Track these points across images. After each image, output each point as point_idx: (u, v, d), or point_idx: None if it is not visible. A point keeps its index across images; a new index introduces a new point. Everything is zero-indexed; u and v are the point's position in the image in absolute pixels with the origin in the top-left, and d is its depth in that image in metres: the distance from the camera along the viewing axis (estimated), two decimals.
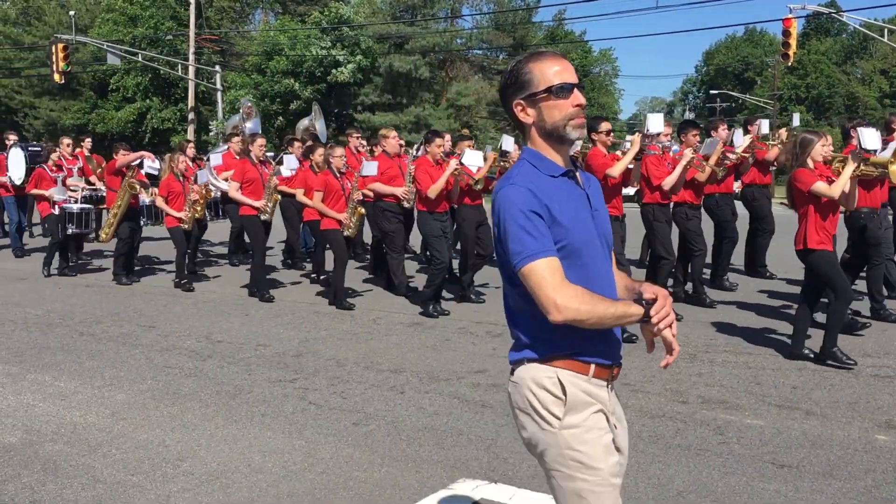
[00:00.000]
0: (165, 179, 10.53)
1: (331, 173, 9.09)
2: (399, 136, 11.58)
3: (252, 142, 10.12)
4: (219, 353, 7.04)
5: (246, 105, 15.46)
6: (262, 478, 4.28)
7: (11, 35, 46.08)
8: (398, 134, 12.40)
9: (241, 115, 15.43)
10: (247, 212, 9.77)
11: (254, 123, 14.82)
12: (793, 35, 25.83)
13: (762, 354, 6.78)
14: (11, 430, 5.09)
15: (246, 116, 15.08)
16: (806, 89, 59.44)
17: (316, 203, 9.06)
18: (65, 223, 11.31)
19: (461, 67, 49.99)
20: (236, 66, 43.98)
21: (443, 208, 8.75)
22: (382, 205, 9.67)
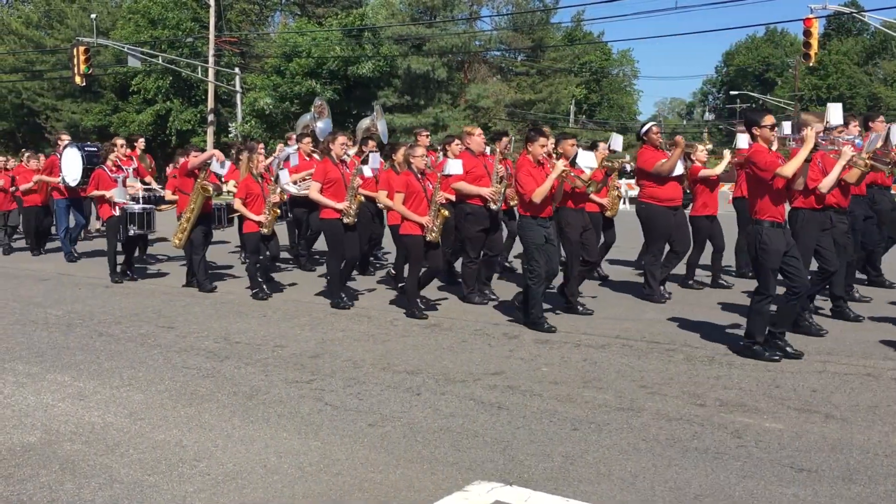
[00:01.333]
0: (243, 181, 9.78)
1: (412, 174, 8.57)
2: None
3: (333, 140, 9.33)
4: (236, 353, 7.07)
5: (317, 103, 14.74)
6: (277, 479, 4.29)
7: (34, 38, 46.61)
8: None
9: (312, 113, 14.70)
10: (328, 215, 9.08)
11: (325, 123, 14.11)
12: (814, 35, 25.65)
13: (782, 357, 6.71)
14: (31, 429, 5.13)
15: (318, 115, 14.33)
16: (827, 90, 59.00)
17: (397, 205, 8.53)
18: (126, 224, 10.91)
19: (479, 69, 49.96)
20: (255, 69, 44.19)
21: (547, 213, 7.99)
22: (466, 207, 9.19)
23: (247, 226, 9.69)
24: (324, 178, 9.07)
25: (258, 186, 9.74)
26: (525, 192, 7.84)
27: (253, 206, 9.66)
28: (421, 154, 8.69)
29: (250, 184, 9.69)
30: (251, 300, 9.66)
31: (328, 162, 9.20)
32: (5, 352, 7.19)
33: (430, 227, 8.47)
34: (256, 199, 9.70)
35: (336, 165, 9.16)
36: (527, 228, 7.95)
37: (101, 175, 11.36)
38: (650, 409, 5.41)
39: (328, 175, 9.07)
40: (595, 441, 4.82)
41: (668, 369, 6.41)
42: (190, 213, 10.10)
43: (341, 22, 41.33)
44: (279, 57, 41.15)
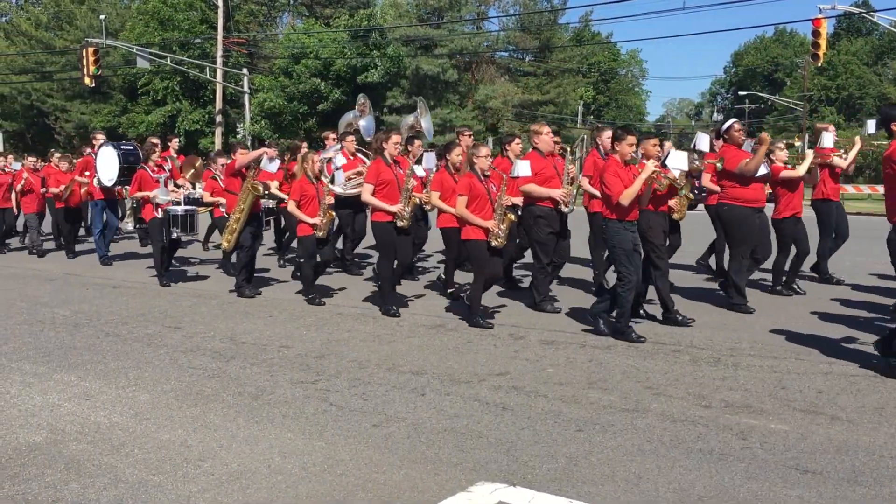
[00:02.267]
0: (298, 182, 9.38)
1: (475, 175, 8.08)
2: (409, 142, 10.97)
3: (386, 139, 8.78)
4: (242, 354, 7.08)
5: (361, 101, 14.27)
6: (281, 478, 4.30)
7: (44, 39, 46.82)
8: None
9: (355, 111, 14.22)
10: (381, 218, 8.62)
11: (367, 120, 13.77)
12: (823, 35, 25.60)
13: (787, 358, 6.70)
14: (37, 429, 5.15)
15: (360, 112, 13.92)
16: (836, 90, 58.82)
17: (460, 209, 8.04)
18: (169, 226, 10.58)
19: (487, 70, 49.98)
20: (263, 69, 44.29)
21: (634, 216, 7.51)
22: (536, 210, 8.70)
23: (301, 229, 9.33)
24: (377, 179, 8.63)
25: (313, 188, 9.30)
26: (612, 195, 7.36)
27: (308, 208, 9.25)
28: (485, 154, 8.19)
29: (305, 185, 9.28)
30: (257, 301, 9.67)
31: (381, 162, 8.75)
32: (12, 351, 7.22)
33: (496, 231, 8.01)
34: (311, 201, 9.27)
35: (389, 166, 8.71)
36: (613, 233, 7.45)
37: (143, 175, 10.99)
38: (655, 411, 5.40)
39: (381, 176, 8.64)
40: (599, 442, 4.81)
41: (674, 370, 6.40)
42: (240, 213, 9.75)
43: (348, 23, 41.39)
44: (287, 58, 41.24)
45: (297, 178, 9.48)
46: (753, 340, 7.33)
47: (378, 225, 8.68)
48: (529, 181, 8.57)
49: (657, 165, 7.55)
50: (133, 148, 12.32)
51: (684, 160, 8.00)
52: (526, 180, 8.54)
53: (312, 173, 9.38)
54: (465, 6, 47.23)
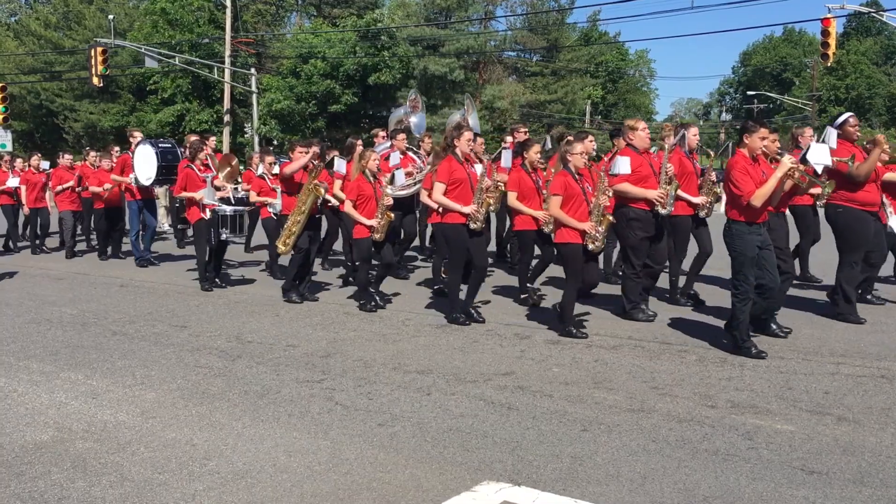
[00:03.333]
0: (355, 181, 8.90)
1: (569, 174, 7.53)
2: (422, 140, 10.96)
3: (458, 135, 8.17)
4: (248, 353, 7.10)
5: (412, 97, 13.77)
6: (286, 477, 4.31)
7: (52, 39, 46.97)
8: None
9: (405, 107, 13.65)
10: (452, 219, 8.08)
11: (419, 117, 13.22)
12: (832, 35, 25.53)
13: (794, 359, 6.68)
14: (43, 427, 5.17)
15: (412, 109, 13.39)
16: (846, 90, 58.61)
17: (555, 210, 7.49)
18: (217, 228, 10.13)
19: (495, 70, 49.98)
20: (271, 69, 44.37)
21: (763, 218, 6.80)
22: (630, 211, 8.13)
23: (357, 230, 8.88)
24: (448, 178, 8.06)
25: (370, 187, 8.83)
26: (742, 194, 6.64)
27: (365, 209, 8.79)
28: (581, 151, 7.56)
29: (362, 184, 8.83)
30: (264, 300, 9.68)
31: (453, 160, 8.17)
32: (20, 350, 7.26)
33: (594, 234, 7.45)
34: (368, 202, 8.80)
35: (462, 164, 8.16)
36: (737, 237, 6.73)
37: (189, 175, 10.45)
38: (661, 411, 5.39)
39: (454, 175, 8.07)
40: (605, 442, 4.81)
41: (680, 370, 6.38)
42: (300, 214, 9.22)
43: (356, 23, 41.44)
44: (295, 58, 41.31)
45: (353, 176, 9.01)
46: (760, 340, 7.30)
47: (449, 227, 8.14)
48: (624, 180, 8.01)
49: (795, 161, 6.87)
50: (171, 146, 11.99)
51: (826, 154, 7.30)
52: (621, 179, 7.99)
53: (370, 171, 8.94)
54: (473, 6, 47.25)
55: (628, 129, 8.41)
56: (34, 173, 15.08)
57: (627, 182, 8.03)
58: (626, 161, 7.90)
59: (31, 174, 15.06)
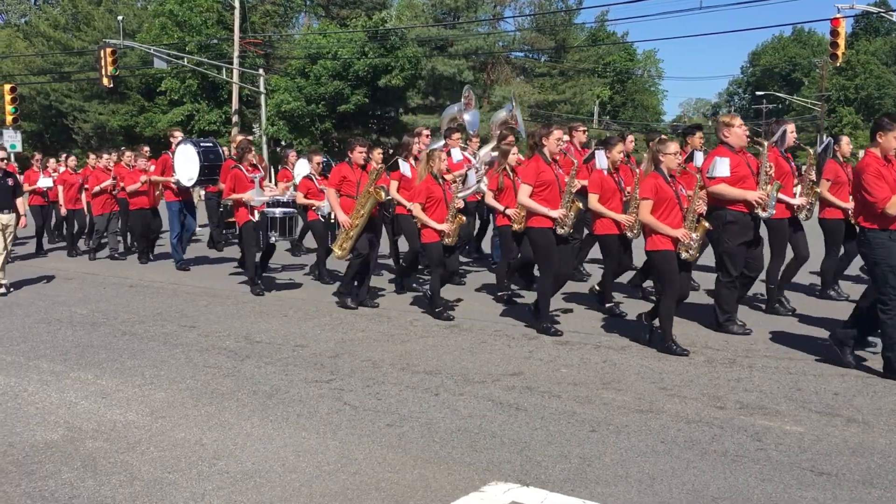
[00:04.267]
0: (423, 183, 8.44)
1: (660, 176, 6.95)
2: None
3: (546, 134, 7.61)
4: (257, 353, 7.12)
5: (466, 93, 13.20)
6: (295, 477, 4.32)
7: (62, 40, 47.10)
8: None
9: (459, 104, 13.00)
10: (539, 223, 7.58)
11: (472, 115, 12.66)
12: (841, 35, 25.41)
13: (803, 360, 6.66)
14: (54, 426, 5.19)
15: (465, 106, 12.79)
16: (855, 90, 58.36)
17: (645, 215, 6.88)
18: (267, 231, 9.83)
19: (503, 70, 49.96)
20: (279, 70, 44.45)
21: None
22: (727, 214, 7.52)
23: (426, 234, 8.42)
24: (535, 179, 7.56)
25: (440, 189, 8.39)
26: (875, 201, 6.02)
27: (434, 212, 8.35)
28: (674, 151, 6.98)
29: (431, 186, 8.38)
30: (272, 300, 9.70)
31: (540, 161, 7.64)
32: (30, 350, 7.29)
33: (688, 242, 6.88)
34: (438, 204, 8.36)
35: (549, 165, 7.63)
36: (876, 246, 6.09)
37: (238, 175, 9.95)
38: (669, 411, 5.38)
39: (541, 176, 7.57)
40: (613, 443, 4.81)
41: (689, 371, 6.38)
42: (359, 218, 8.80)
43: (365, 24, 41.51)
44: (303, 59, 41.38)
45: (420, 177, 8.56)
46: (769, 342, 7.29)
47: (536, 232, 7.65)
48: (721, 181, 7.48)
49: None
50: (213, 145, 11.69)
51: None
52: (718, 180, 7.46)
53: (439, 172, 8.48)
54: (481, 7, 47.26)
55: (723, 126, 7.74)
56: (71, 173, 14.81)
57: (725, 183, 7.48)
58: (725, 162, 7.41)
59: (67, 174, 14.80)
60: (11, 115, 29.39)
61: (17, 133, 32.91)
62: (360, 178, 8.99)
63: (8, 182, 10.29)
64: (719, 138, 7.78)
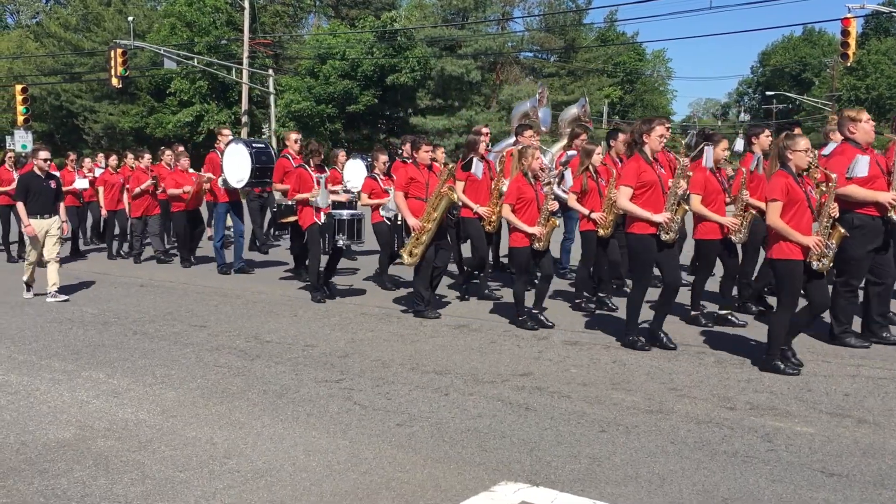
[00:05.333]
0: (514, 182, 7.98)
1: (790, 176, 6.20)
2: None
3: (648, 130, 6.92)
4: (267, 352, 7.14)
5: (540, 90, 12.70)
6: (305, 476, 4.33)
7: (72, 41, 47.35)
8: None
9: (532, 100, 12.35)
10: (641, 229, 6.87)
11: (545, 112, 12.13)
12: (852, 35, 25.31)
13: (814, 361, 6.64)
14: (66, 425, 5.22)
15: (538, 103, 12.21)
16: (866, 90, 58.10)
17: (774, 220, 6.17)
18: (334, 234, 9.38)
19: (512, 70, 49.96)
20: (289, 70, 44.56)
21: None
22: (852, 218, 6.91)
23: (515, 238, 7.91)
24: (636, 180, 6.91)
25: (531, 190, 7.87)
26: None
27: (525, 214, 7.84)
28: (805, 148, 6.25)
29: (523, 187, 7.88)
30: (282, 300, 9.72)
31: (640, 160, 6.98)
32: (42, 349, 7.33)
33: (821, 250, 6.20)
34: (529, 206, 7.85)
35: (651, 164, 6.95)
36: None
37: (302, 175, 9.54)
38: (679, 412, 5.38)
39: (642, 177, 6.90)
40: (623, 443, 4.81)
41: (699, 372, 6.37)
42: (431, 221, 8.31)
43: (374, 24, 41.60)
44: (312, 59, 41.48)
45: (511, 175, 8.07)
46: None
47: (636, 239, 6.93)
48: (852, 182, 6.89)
49: None
50: (265, 146, 11.21)
51: None
52: (854, 181, 6.88)
53: (531, 172, 7.95)
54: (490, 7, 47.26)
55: (848, 121, 7.11)
56: (112, 174, 14.40)
57: (855, 184, 6.87)
58: (865, 161, 6.81)
59: (108, 174, 14.40)
60: (23, 115, 29.55)
61: (28, 133, 33.09)
62: (428, 178, 8.57)
63: (50, 184, 9.87)
64: (843, 134, 7.22)
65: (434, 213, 8.33)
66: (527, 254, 7.88)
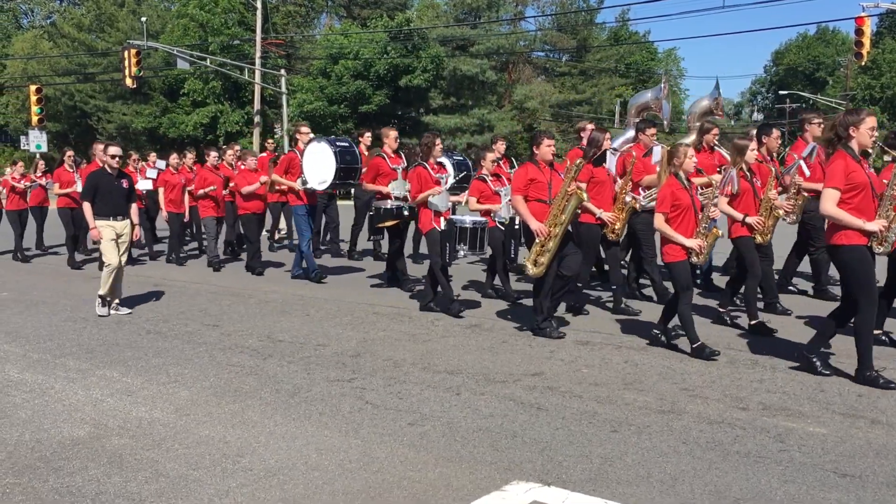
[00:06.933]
0: (667, 188, 6.87)
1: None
2: None
3: (857, 123, 5.88)
4: (279, 352, 7.17)
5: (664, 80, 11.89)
6: (318, 475, 4.35)
7: (86, 41, 47.63)
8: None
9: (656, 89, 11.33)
10: (849, 239, 5.98)
11: (667, 106, 11.17)
12: (866, 34, 25.20)
13: None
14: (80, 423, 5.26)
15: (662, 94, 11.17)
16: (881, 89, 57.71)
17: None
18: (454, 242, 8.59)
19: (524, 70, 49.95)
20: (301, 70, 44.68)
21: None
22: None
23: (671, 252, 6.83)
24: (844, 182, 5.95)
25: (687, 195, 6.83)
26: None
27: (681, 224, 6.80)
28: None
29: (677, 192, 6.82)
30: (294, 299, 9.76)
31: (848, 158, 6.08)
32: (56, 348, 7.38)
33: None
34: (685, 214, 6.83)
35: (859, 163, 6.07)
36: None
37: (422, 175, 8.80)
38: (691, 412, 5.37)
39: (851, 177, 5.97)
40: (635, 443, 4.80)
41: (711, 372, 6.35)
42: (558, 225, 7.44)
43: (387, 24, 41.68)
44: (325, 59, 41.59)
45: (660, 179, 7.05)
46: (792, 343, 7.24)
47: (847, 251, 6.03)
48: None
49: None
50: (349, 145, 10.38)
51: None
52: None
53: (684, 174, 6.92)
54: (503, 6, 47.28)
55: None
56: (172, 173, 13.55)
57: None
58: None
59: (169, 174, 13.53)
60: (37, 115, 29.75)
61: (42, 133, 33.31)
62: (550, 177, 7.68)
63: (122, 184, 9.04)
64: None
65: (561, 215, 7.44)
66: (686, 269, 6.87)
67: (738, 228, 7.54)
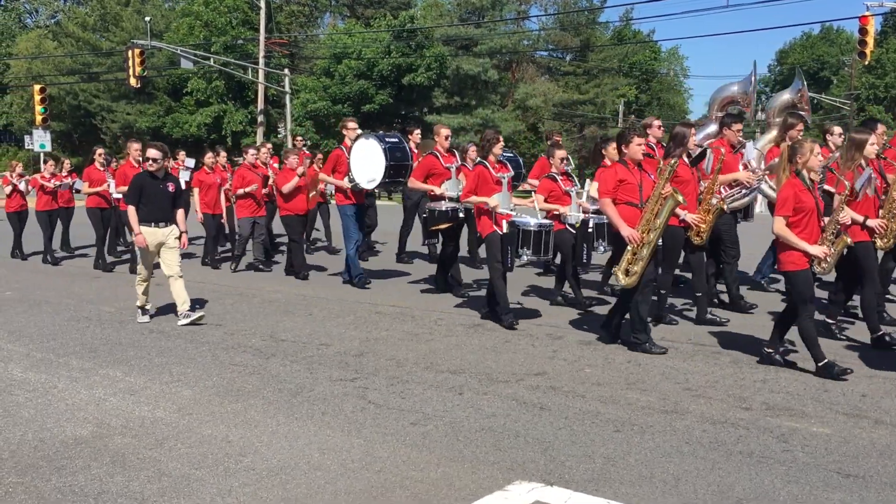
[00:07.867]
0: (789, 188, 6.19)
1: None
2: None
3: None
4: (282, 351, 7.16)
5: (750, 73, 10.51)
6: (320, 475, 4.35)
7: (90, 41, 47.66)
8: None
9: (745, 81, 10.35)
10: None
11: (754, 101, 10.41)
12: (870, 33, 25.16)
13: None
14: (83, 423, 5.26)
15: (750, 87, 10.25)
16: (885, 89, 57.59)
17: None
18: (517, 247, 8.01)
19: (527, 69, 49.93)
20: (304, 70, 44.71)
21: None
22: None
23: (791, 259, 6.17)
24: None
25: (811, 197, 6.19)
26: None
27: (804, 229, 6.15)
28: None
29: (800, 193, 6.15)
30: (297, 299, 9.75)
31: None
32: (60, 347, 7.39)
33: None
34: (809, 217, 6.16)
35: None
36: None
37: (482, 175, 8.17)
38: (694, 412, 5.36)
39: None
40: (637, 443, 4.79)
41: (714, 372, 6.34)
42: (653, 231, 6.95)
43: (391, 24, 41.70)
44: (328, 58, 41.61)
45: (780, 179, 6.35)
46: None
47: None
48: None
49: None
50: (399, 141, 9.82)
51: None
52: None
53: (807, 174, 6.28)
54: (507, 6, 47.26)
55: None
56: (208, 173, 12.87)
57: None
58: None
59: (204, 174, 12.88)
60: (41, 115, 29.82)
61: (46, 133, 33.37)
62: (640, 179, 7.11)
63: (168, 187, 8.41)
64: None
65: (656, 220, 6.92)
66: (808, 279, 6.22)
67: (857, 232, 6.92)
